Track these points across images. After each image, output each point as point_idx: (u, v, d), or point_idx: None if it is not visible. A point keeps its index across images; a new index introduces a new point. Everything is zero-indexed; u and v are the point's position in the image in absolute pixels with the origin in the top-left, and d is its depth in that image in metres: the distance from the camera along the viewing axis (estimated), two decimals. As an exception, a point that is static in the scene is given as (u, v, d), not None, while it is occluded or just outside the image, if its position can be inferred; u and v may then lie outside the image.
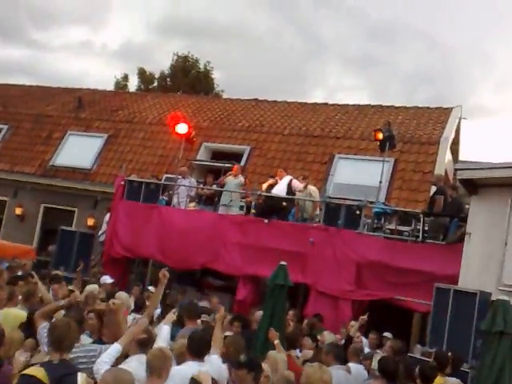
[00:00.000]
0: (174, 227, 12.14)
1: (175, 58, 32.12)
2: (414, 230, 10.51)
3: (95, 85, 35.19)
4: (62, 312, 5.61)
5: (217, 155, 16.63)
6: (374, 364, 6.83)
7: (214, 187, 12.94)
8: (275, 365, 5.43)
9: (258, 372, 4.62)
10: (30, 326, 5.41)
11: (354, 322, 8.62)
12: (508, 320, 5.64)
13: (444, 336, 7.91)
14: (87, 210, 16.31)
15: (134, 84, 32.58)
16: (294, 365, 6.03)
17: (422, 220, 10.31)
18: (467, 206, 9.68)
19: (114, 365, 4.35)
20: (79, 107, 19.30)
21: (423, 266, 9.58)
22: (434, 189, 11.52)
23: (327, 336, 7.49)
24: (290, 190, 11.99)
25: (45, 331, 4.63)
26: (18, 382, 3.80)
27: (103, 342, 5.15)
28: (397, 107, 17.01)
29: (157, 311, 8.72)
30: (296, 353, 7.08)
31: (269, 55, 52.29)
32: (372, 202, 11.41)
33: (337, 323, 9.16)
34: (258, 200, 12.35)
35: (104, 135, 18.01)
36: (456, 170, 9.74)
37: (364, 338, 8.05)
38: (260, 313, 7.90)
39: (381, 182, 12.10)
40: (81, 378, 3.80)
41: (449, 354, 6.79)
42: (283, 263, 7.70)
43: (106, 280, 10.29)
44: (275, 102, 18.75)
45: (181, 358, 5.05)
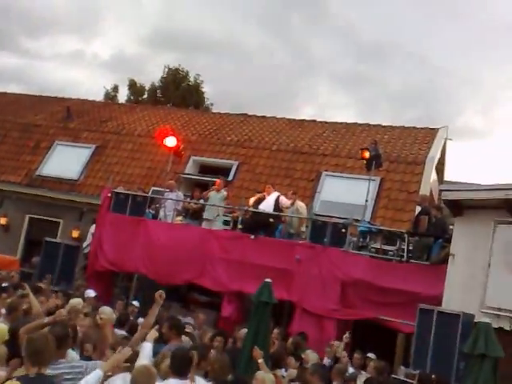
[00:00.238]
0: (160, 241, 12.09)
1: (166, 70, 32.24)
2: (399, 250, 10.57)
3: (85, 95, 35.26)
4: None
5: (205, 169, 16.64)
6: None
7: (201, 201, 12.93)
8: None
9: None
10: (14, 342, 5.34)
11: (337, 343, 8.65)
12: (490, 343, 5.69)
13: (427, 357, 7.93)
14: (72, 222, 16.19)
15: (123, 95, 32.62)
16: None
17: (406, 240, 10.38)
18: (451, 227, 9.76)
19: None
20: (68, 117, 19.25)
21: (407, 286, 9.62)
22: (418, 209, 11.64)
23: (310, 355, 7.49)
24: (278, 206, 12.03)
25: None
26: None
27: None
28: (384, 126, 17.18)
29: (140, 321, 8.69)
30: (281, 372, 7.06)
31: (260, 71, 52.65)
32: (358, 221, 11.48)
33: (321, 342, 9.15)
34: (245, 215, 12.36)
35: (92, 146, 17.96)
36: (441, 190, 9.82)
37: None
38: (244, 330, 7.87)
39: (367, 200, 12.20)
40: None
41: (432, 377, 6.82)
42: (268, 280, 7.71)
43: (90, 294, 10.20)
44: (264, 117, 18.86)
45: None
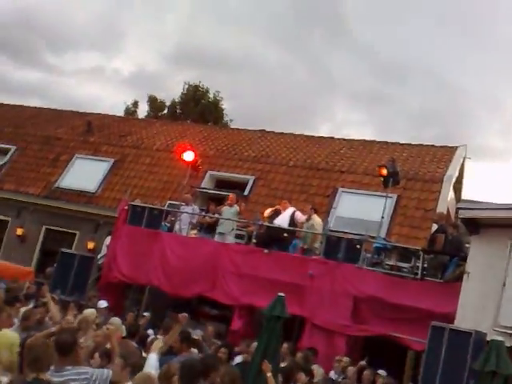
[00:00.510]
0: (174, 254, 12.16)
1: (186, 86, 32.65)
2: (414, 267, 10.46)
3: (106, 110, 35.66)
4: None
5: (221, 184, 16.71)
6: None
7: (216, 215, 12.97)
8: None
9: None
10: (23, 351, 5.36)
11: (346, 358, 8.54)
12: (501, 360, 5.58)
13: (437, 375, 7.79)
14: (88, 234, 16.32)
15: (143, 111, 33.06)
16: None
17: (421, 257, 10.27)
18: (467, 245, 9.65)
19: None
20: (88, 131, 19.54)
21: (420, 304, 9.50)
22: (435, 226, 11.51)
23: (317, 370, 7.40)
24: (293, 221, 12.03)
25: None
26: None
27: None
28: (402, 144, 17.11)
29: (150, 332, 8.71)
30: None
31: (278, 88, 52.88)
32: (373, 237, 11.38)
33: (331, 358, 9.05)
34: (260, 230, 12.36)
35: (111, 159, 18.18)
36: (458, 209, 9.74)
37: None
38: (255, 344, 7.81)
39: (383, 217, 12.10)
40: None
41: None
42: (281, 294, 7.63)
43: (102, 305, 10.26)
44: (282, 133, 18.92)
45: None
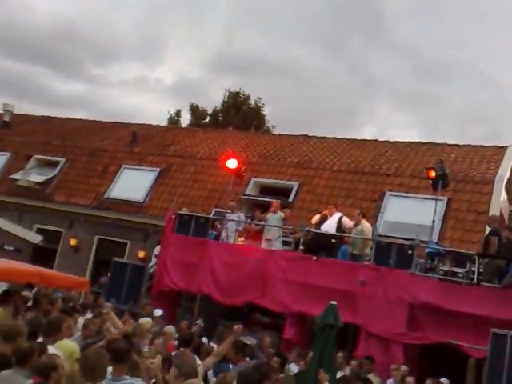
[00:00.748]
0: (222, 262, 12.23)
1: (227, 94, 32.91)
2: (469, 272, 10.20)
3: (149, 119, 36.44)
4: None
5: (265, 190, 16.72)
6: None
7: (262, 223, 12.99)
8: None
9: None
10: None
11: (404, 367, 8.39)
12: None
13: (502, 383, 7.56)
14: (139, 243, 16.62)
15: (186, 119, 33.49)
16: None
17: (476, 262, 10.01)
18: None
19: None
20: (133, 141, 19.92)
21: (478, 310, 9.25)
22: (488, 229, 11.21)
23: (373, 379, 7.31)
24: (340, 227, 11.93)
25: None
26: None
27: None
28: (449, 145, 16.74)
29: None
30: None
31: (320, 91, 52.72)
32: (424, 242, 11.17)
33: (388, 366, 8.91)
34: (307, 236, 12.30)
35: (156, 169, 18.47)
36: (511, 211, 9.46)
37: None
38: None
39: (434, 221, 11.85)
40: None
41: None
42: (333, 303, 7.57)
43: (157, 313, 10.43)
44: (324, 138, 18.82)
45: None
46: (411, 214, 13.51)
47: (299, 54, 53.59)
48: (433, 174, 11.86)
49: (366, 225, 11.77)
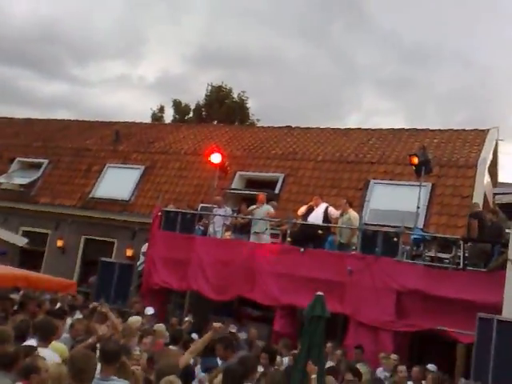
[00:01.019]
0: (210, 257, 12.21)
1: (209, 88, 32.72)
2: (455, 257, 10.26)
3: (133, 117, 36.12)
4: None
5: (251, 183, 16.71)
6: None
7: (249, 216, 12.98)
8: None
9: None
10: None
11: (395, 356, 8.44)
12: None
13: (489, 367, 7.62)
14: (126, 241, 16.53)
15: (170, 116, 33.28)
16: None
17: (462, 246, 10.07)
18: (508, 231, 9.42)
19: None
20: (116, 140, 19.78)
21: (465, 295, 9.31)
22: (472, 214, 11.27)
23: (361, 368, 7.35)
24: (327, 217, 11.95)
25: None
26: None
27: None
28: (432, 130, 16.81)
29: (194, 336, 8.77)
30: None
31: (304, 82, 52.72)
32: (410, 229, 11.22)
33: (377, 355, 8.96)
34: (294, 228, 12.32)
35: (141, 167, 18.37)
36: (495, 194, 9.52)
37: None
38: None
39: (418, 207, 11.91)
40: None
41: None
42: (320, 293, 7.57)
43: (149, 311, 10.42)
44: (308, 128, 18.80)
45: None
46: (396, 201, 13.56)
47: (282, 46, 53.56)
48: (415, 160, 11.89)
49: (352, 214, 11.80)
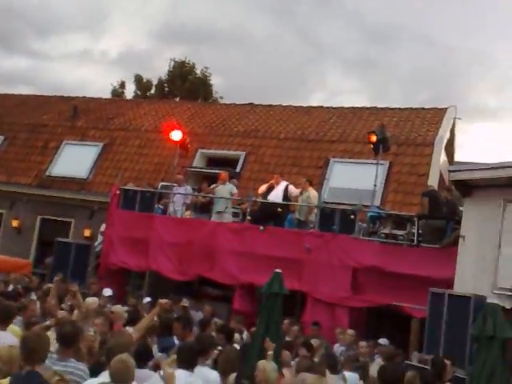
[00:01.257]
0: (170, 236, 12.14)
1: (172, 63, 32.11)
2: (409, 234, 10.46)
3: (96, 93, 35.19)
4: None
5: (213, 162, 16.59)
6: (372, 372, 6.81)
7: (210, 195, 12.91)
8: (266, 374, 5.36)
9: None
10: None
11: (351, 331, 8.60)
12: (498, 324, 5.57)
13: (440, 341, 7.86)
14: (84, 221, 16.22)
15: (131, 92, 32.59)
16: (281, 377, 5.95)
17: (416, 223, 10.27)
18: (461, 208, 9.64)
19: None
20: (74, 116, 19.27)
21: (419, 271, 9.53)
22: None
23: (315, 344, 7.47)
24: (287, 195, 11.98)
25: None
26: None
27: None
28: (392, 109, 16.93)
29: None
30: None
31: (269, 60, 52.24)
32: (367, 206, 11.36)
33: (334, 330, 9.12)
34: (253, 206, 12.32)
35: (99, 144, 17.97)
36: (449, 171, 9.71)
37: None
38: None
39: (375, 185, 12.07)
40: None
41: (446, 361, 6.72)
42: (278, 271, 7.61)
43: (106, 293, 10.28)
44: (270, 106, 18.70)
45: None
46: (355, 179, 13.68)
47: (248, 23, 53.03)
48: (373, 138, 12.00)
49: (312, 192, 11.86)
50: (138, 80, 32.31)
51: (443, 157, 14.67)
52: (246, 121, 17.67)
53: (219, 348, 6.50)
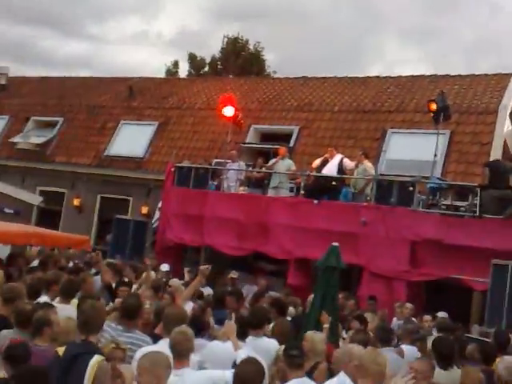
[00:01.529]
0: (224, 212, 12.14)
1: (225, 40, 31.99)
2: (471, 205, 10.00)
3: (152, 74, 35.64)
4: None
5: (266, 137, 16.45)
6: (429, 345, 6.59)
7: (264, 170, 12.81)
8: (313, 345, 5.25)
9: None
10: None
11: (409, 305, 8.37)
12: None
13: (503, 314, 7.51)
14: (141, 199, 16.53)
15: (185, 70, 32.79)
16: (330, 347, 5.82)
17: (479, 194, 9.80)
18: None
19: None
20: (130, 96, 19.57)
21: (481, 242, 9.13)
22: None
23: (369, 318, 7.31)
24: (341, 169, 11.73)
25: None
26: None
27: None
28: (452, 76, 16.13)
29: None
30: (343, 334, 6.95)
31: (324, 33, 51.21)
32: (426, 178, 10.94)
33: (391, 305, 8.89)
34: (308, 181, 12.13)
35: (155, 123, 18.19)
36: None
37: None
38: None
39: (436, 155, 11.60)
40: (96, 358, 3.91)
41: (510, 334, 6.42)
42: (335, 244, 7.43)
43: (164, 268, 10.44)
44: (324, 78, 18.25)
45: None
46: (414, 150, 13.18)
47: (302, -3, 51.78)
48: (434, 106, 11.51)
49: (368, 164, 11.56)
50: (192, 58, 32.45)
51: (508, 124, 13.91)
52: (300, 94, 17.36)
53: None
